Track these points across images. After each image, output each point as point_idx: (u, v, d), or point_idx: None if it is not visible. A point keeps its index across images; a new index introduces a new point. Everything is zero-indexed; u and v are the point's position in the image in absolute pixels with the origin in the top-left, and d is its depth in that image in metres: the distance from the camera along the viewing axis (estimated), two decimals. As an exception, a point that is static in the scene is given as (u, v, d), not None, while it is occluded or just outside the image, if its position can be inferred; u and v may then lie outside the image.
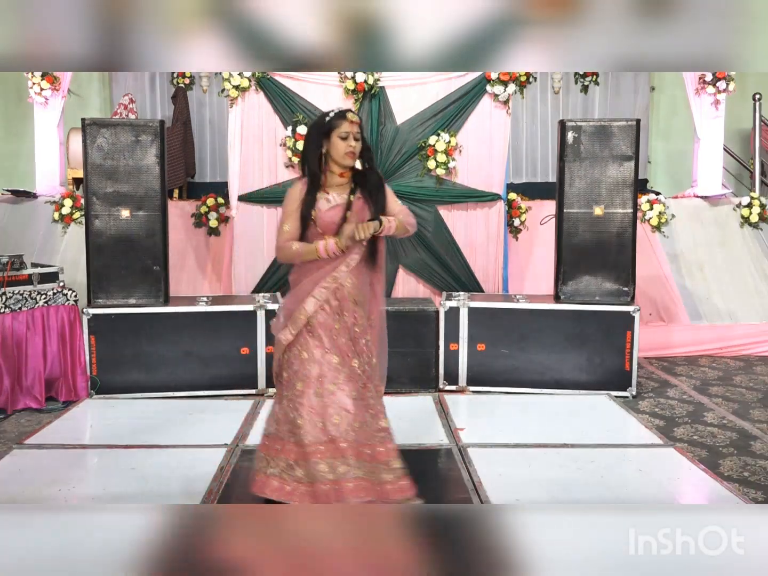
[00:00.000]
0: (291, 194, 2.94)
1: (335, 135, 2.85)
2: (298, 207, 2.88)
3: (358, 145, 2.87)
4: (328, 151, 2.88)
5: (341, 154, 2.86)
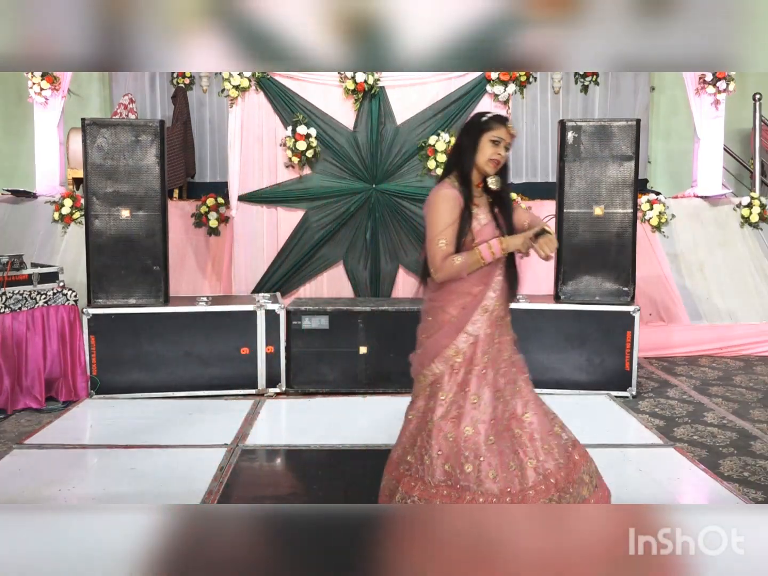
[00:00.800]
0: (445, 203, 2.56)
1: (487, 137, 2.57)
2: (457, 220, 2.54)
3: (504, 156, 2.59)
4: (474, 153, 2.58)
5: (485, 159, 2.56)
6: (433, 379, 2.71)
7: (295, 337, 4.96)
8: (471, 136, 2.61)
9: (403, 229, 5.72)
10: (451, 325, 2.66)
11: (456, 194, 2.57)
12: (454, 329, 2.65)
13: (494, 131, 2.58)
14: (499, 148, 2.57)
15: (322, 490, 3.34)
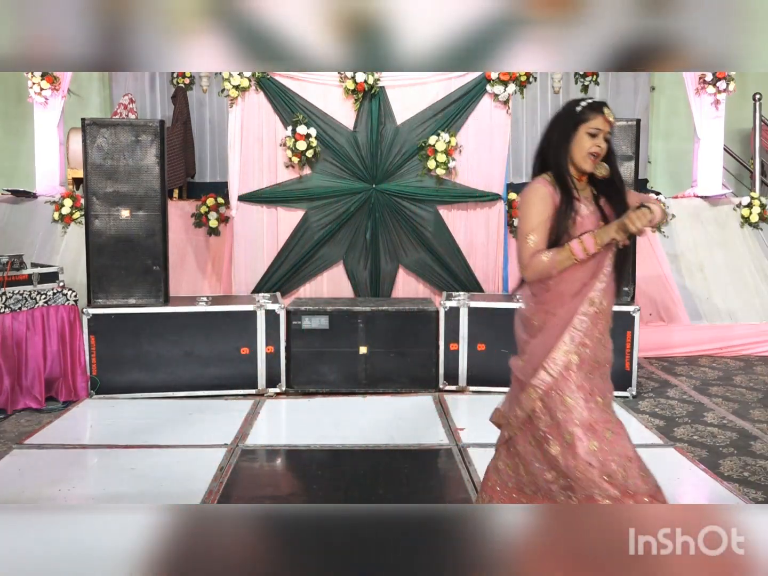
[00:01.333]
0: (537, 198, 2.40)
1: (584, 129, 2.36)
2: (551, 216, 2.37)
3: (604, 149, 2.38)
4: (569, 146, 2.38)
5: (583, 154, 2.36)
6: (545, 388, 2.41)
7: (295, 337, 4.96)
8: (564, 129, 2.40)
9: (403, 229, 5.72)
10: (558, 323, 2.43)
11: (550, 190, 2.39)
12: (559, 328, 2.42)
13: (590, 122, 2.36)
14: (597, 140, 2.36)
15: (322, 490, 3.34)
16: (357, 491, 3.33)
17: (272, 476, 3.70)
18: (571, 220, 2.36)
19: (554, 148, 2.42)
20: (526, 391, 2.44)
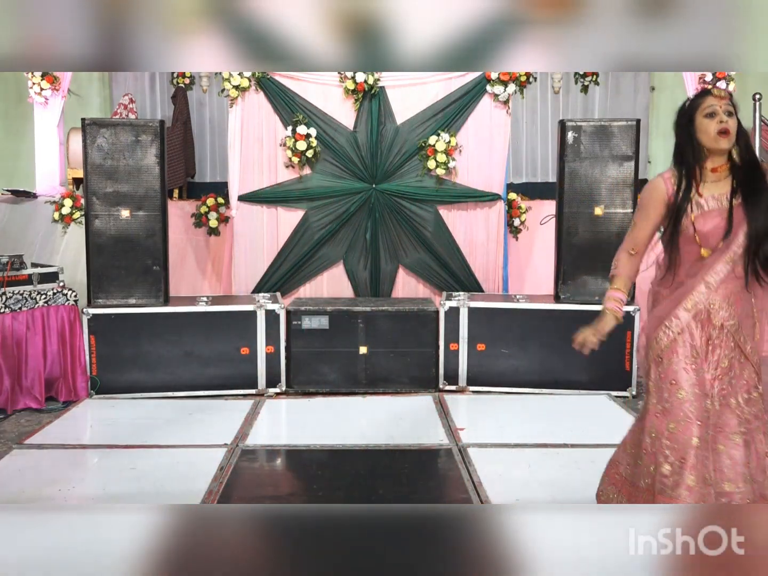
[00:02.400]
0: (649, 190, 2.48)
1: (699, 115, 2.36)
2: (656, 209, 2.44)
3: (732, 122, 2.33)
4: (696, 138, 2.36)
5: (712, 136, 2.33)
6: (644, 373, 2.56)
7: (295, 337, 4.96)
8: (684, 124, 2.42)
9: (403, 229, 5.72)
10: (659, 309, 2.53)
11: (660, 181, 2.45)
12: (659, 315, 2.50)
13: (703, 105, 2.37)
14: (719, 117, 2.34)
15: (322, 490, 3.34)
16: (357, 491, 3.33)
17: (272, 476, 3.70)
18: (685, 214, 2.37)
19: (680, 147, 2.43)
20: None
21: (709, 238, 2.38)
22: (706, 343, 2.42)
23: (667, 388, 2.42)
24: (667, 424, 2.40)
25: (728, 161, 2.39)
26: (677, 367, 2.41)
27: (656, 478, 2.40)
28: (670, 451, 2.38)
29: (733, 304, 2.41)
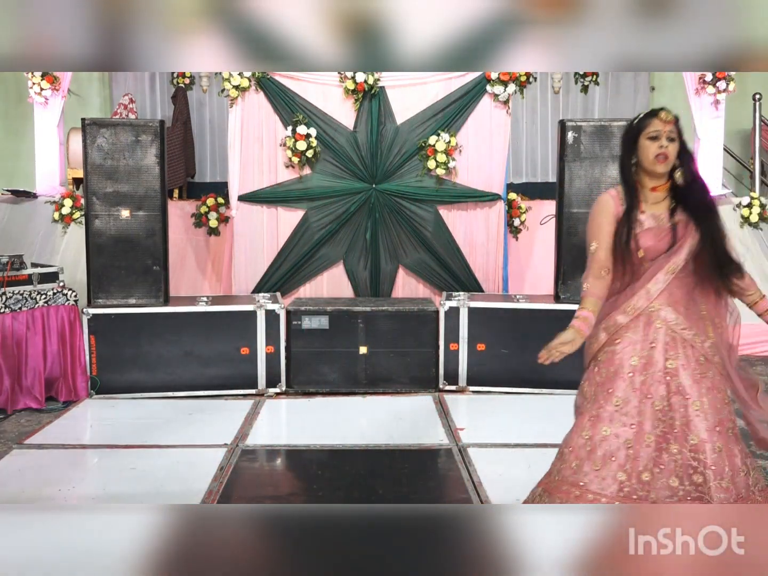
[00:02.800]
0: (599, 205, 2.58)
1: (643, 137, 2.45)
2: (610, 224, 2.50)
3: (672, 147, 2.41)
4: (637, 158, 2.49)
5: (650, 159, 2.44)
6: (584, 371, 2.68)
7: (295, 337, 4.96)
8: (628, 143, 2.55)
9: (403, 229, 5.72)
10: (602, 312, 2.60)
11: (608, 198, 2.58)
12: (601, 317, 2.60)
13: (647, 128, 2.45)
14: (660, 142, 2.42)
15: (322, 490, 3.34)
16: (357, 491, 3.33)
17: (272, 476, 3.70)
18: (630, 231, 2.46)
19: (623, 165, 2.58)
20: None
21: (648, 254, 2.47)
22: (649, 345, 2.47)
23: (604, 393, 2.51)
24: (600, 427, 2.45)
25: (668, 182, 2.49)
26: (614, 371, 2.51)
27: (589, 477, 2.43)
28: (602, 451, 2.42)
29: (676, 309, 2.49)
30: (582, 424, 2.50)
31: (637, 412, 2.43)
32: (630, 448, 2.40)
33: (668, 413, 2.43)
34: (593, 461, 2.42)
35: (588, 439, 2.46)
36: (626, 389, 2.46)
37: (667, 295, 2.47)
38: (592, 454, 2.43)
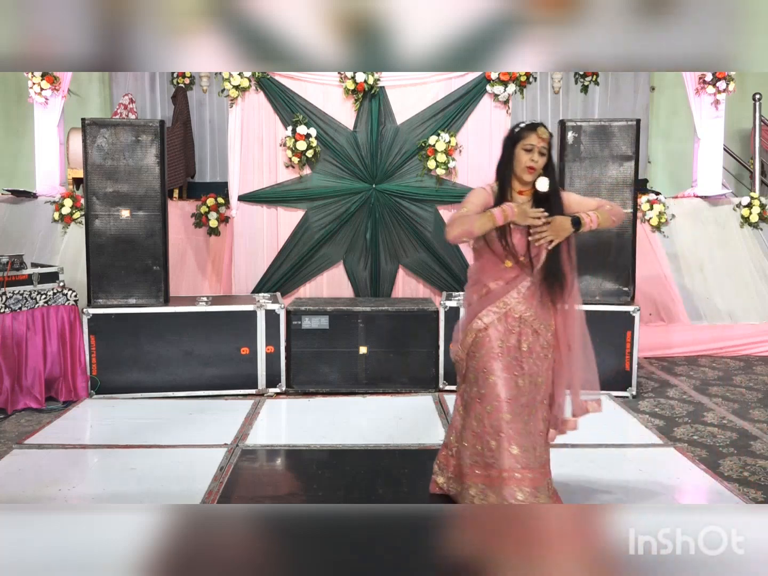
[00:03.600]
0: (475, 195, 2.87)
1: (520, 147, 2.78)
2: (482, 205, 2.79)
3: (541, 162, 2.77)
4: (512, 163, 2.81)
5: (521, 167, 2.78)
6: (457, 359, 2.98)
7: (295, 337, 4.97)
8: (506, 148, 2.83)
9: (403, 229, 5.72)
10: (470, 310, 2.92)
11: (487, 194, 2.84)
12: (470, 316, 2.91)
13: (525, 140, 2.76)
14: (532, 155, 2.75)
15: (322, 490, 3.34)
16: (357, 491, 3.33)
17: (272, 476, 3.70)
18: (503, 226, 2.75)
19: (500, 165, 2.86)
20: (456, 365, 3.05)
21: (513, 250, 2.79)
22: (510, 332, 2.84)
23: (482, 376, 2.83)
24: (485, 407, 2.81)
25: (533, 188, 2.83)
26: (487, 357, 2.83)
27: (485, 454, 2.79)
28: (492, 428, 2.78)
29: (532, 305, 2.85)
30: (476, 410, 2.85)
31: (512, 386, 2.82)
32: (510, 422, 2.77)
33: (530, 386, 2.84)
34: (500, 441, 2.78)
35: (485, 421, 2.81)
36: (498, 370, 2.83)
37: (530, 296, 2.85)
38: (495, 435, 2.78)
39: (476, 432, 2.83)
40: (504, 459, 2.74)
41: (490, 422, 2.78)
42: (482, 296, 2.89)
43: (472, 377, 2.89)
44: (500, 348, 2.82)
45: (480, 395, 2.83)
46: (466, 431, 2.89)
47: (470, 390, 2.90)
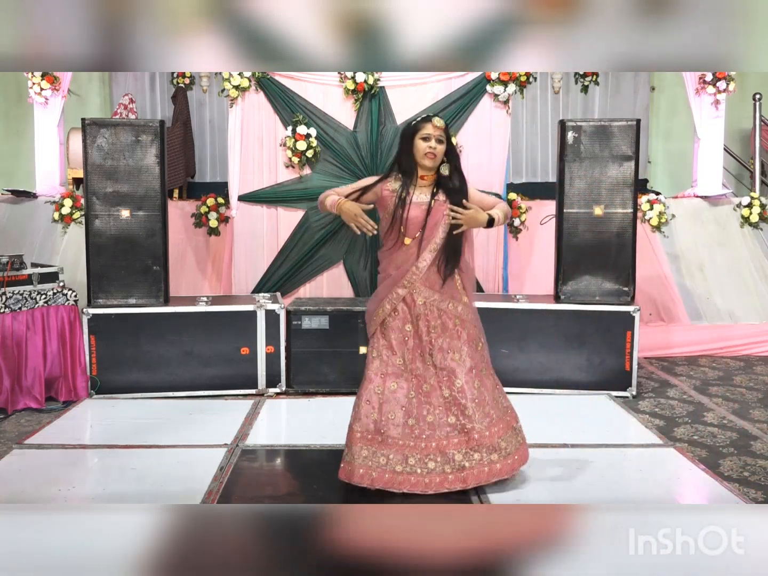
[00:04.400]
0: (367, 178, 3.24)
1: (417, 137, 3.05)
2: (369, 188, 3.12)
3: (440, 148, 3.04)
4: (412, 153, 3.08)
5: (421, 155, 3.05)
6: (368, 336, 3.26)
7: (295, 337, 4.96)
8: (405, 140, 3.12)
9: (403, 229, 5.71)
10: (376, 294, 3.21)
11: (375, 180, 3.16)
12: (377, 299, 3.19)
13: (421, 130, 3.05)
14: (430, 143, 3.04)
15: (322, 490, 3.34)
16: (357, 491, 3.32)
17: (272, 476, 3.70)
18: (401, 202, 3.06)
19: (400, 155, 3.15)
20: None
21: (410, 227, 3.08)
22: (416, 316, 3.13)
23: (388, 354, 3.14)
24: (388, 384, 3.11)
25: (435, 174, 3.12)
26: (393, 335, 3.14)
27: (390, 428, 3.08)
28: (394, 403, 3.10)
29: (432, 287, 3.12)
30: (375, 381, 3.13)
31: (414, 367, 3.13)
32: (413, 398, 3.11)
33: (437, 366, 3.13)
34: (389, 411, 3.09)
35: (380, 394, 3.11)
36: (404, 351, 3.13)
37: (428, 274, 3.11)
38: (385, 405, 3.09)
39: (377, 407, 3.13)
40: (404, 429, 3.11)
41: (395, 396, 3.12)
42: (386, 280, 3.17)
43: (376, 353, 3.18)
44: (403, 329, 3.13)
45: (385, 372, 3.15)
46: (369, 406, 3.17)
47: (373, 364, 3.18)
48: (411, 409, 3.10)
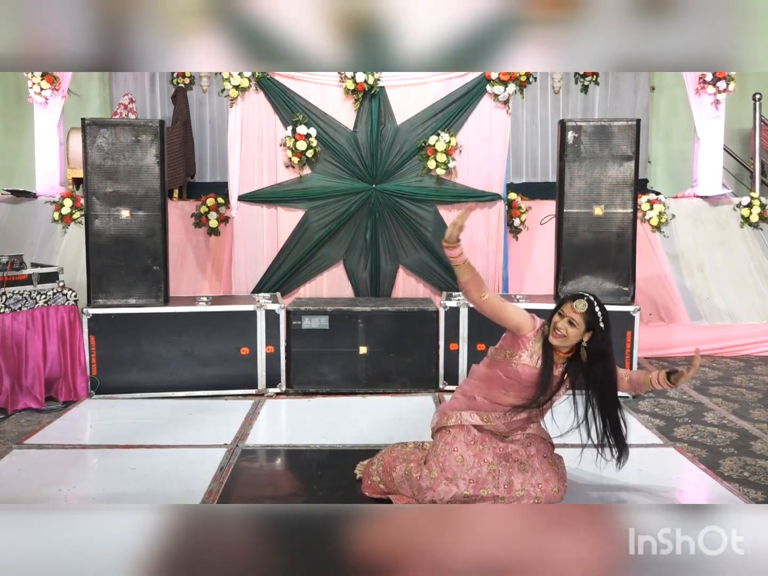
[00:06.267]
0: (528, 316, 3.17)
1: (557, 311, 3.03)
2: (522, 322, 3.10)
3: (572, 331, 2.96)
4: (550, 322, 3.05)
5: (551, 329, 3.01)
6: (433, 426, 3.25)
7: (295, 337, 4.96)
8: (555, 308, 3.11)
9: (403, 229, 5.72)
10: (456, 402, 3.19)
11: (535, 322, 3.13)
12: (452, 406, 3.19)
13: (562, 306, 3.04)
14: (562, 321, 2.99)
15: (322, 490, 3.34)
16: (357, 491, 3.33)
17: (272, 476, 3.70)
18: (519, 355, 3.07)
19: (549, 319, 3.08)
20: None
21: (518, 384, 3.05)
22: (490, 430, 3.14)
23: (447, 451, 3.08)
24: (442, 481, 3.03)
25: (570, 351, 3.06)
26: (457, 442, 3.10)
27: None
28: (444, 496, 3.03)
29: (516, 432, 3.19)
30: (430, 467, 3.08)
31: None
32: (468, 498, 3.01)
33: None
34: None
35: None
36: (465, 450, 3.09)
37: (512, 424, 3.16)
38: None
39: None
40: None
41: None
42: (470, 399, 3.15)
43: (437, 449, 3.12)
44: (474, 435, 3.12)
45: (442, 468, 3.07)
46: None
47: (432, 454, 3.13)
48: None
